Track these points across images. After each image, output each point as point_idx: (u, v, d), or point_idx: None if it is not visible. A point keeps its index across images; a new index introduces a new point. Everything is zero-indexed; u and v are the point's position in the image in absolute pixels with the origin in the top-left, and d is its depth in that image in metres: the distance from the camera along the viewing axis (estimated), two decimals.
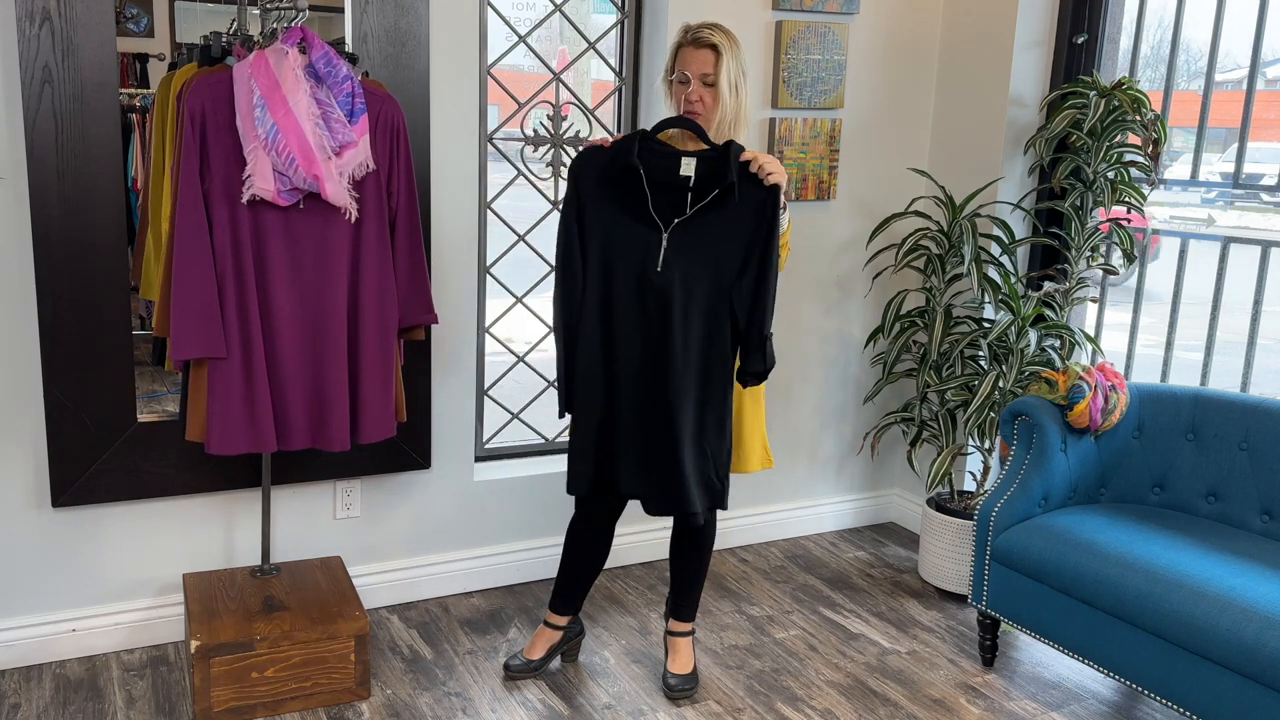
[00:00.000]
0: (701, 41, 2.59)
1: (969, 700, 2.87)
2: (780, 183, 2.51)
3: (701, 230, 2.52)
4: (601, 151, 2.55)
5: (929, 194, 3.79)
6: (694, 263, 2.52)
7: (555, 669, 2.94)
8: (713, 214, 2.51)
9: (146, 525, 2.90)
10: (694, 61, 2.59)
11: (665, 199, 2.53)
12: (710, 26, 2.60)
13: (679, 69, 2.62)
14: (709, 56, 2.58)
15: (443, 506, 3.29)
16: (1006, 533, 2.88)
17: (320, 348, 2.59)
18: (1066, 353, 3.45)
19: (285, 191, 2.46)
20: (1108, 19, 3.50)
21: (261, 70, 2.40)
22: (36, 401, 2.71)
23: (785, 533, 3.94)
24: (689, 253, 2.52)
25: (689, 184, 2.50)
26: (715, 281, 2.53)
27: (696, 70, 2.59)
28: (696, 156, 2.50)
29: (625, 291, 2.53)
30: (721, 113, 2.61)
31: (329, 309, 2.58)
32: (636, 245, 2.52)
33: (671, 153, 2.50)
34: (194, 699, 2.58)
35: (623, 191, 2.53)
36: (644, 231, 2.53)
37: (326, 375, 2.59)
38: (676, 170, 2.49)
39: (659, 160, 2.50)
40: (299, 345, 2.57)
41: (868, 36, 3.69)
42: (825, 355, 3.88)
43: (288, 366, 2.56)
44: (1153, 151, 3.30)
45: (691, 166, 2.49)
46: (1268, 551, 2.67)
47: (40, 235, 2.60)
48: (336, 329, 2.59)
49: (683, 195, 2.51)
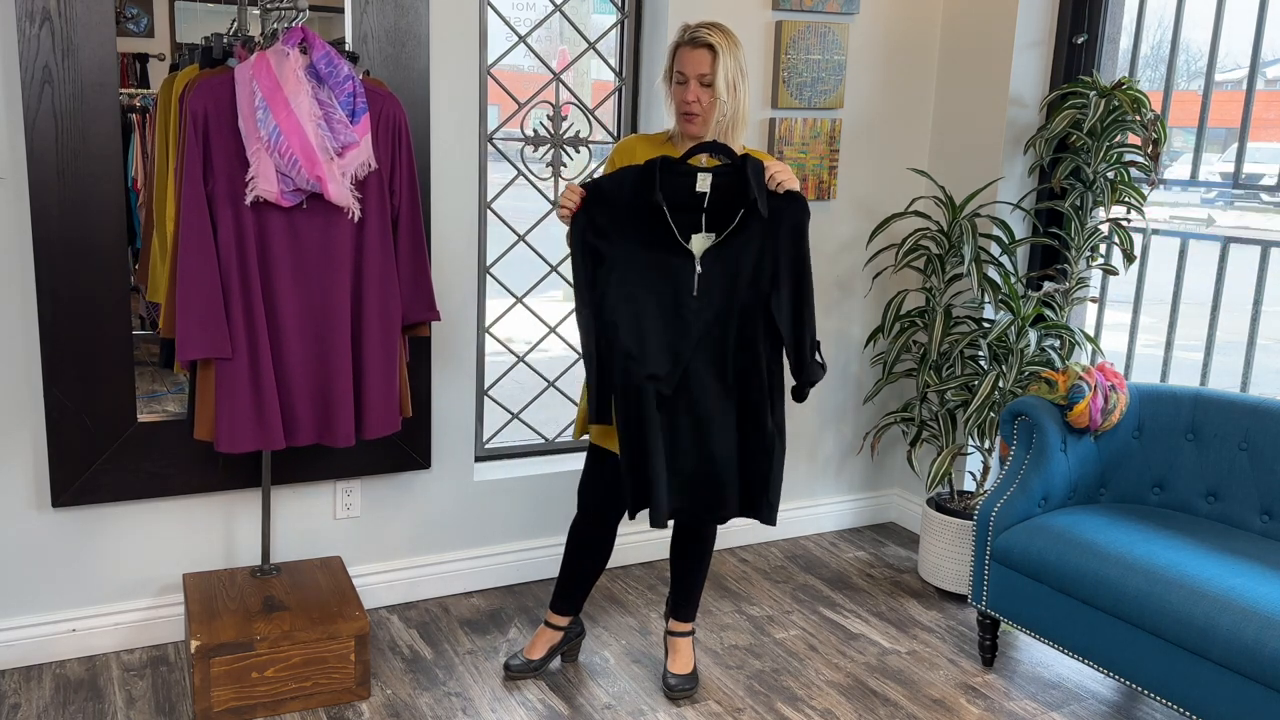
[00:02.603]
0: (698, 41, 2.57)
1: (969, 700, 2.87)
2: (796, 188, 2.49)
3: (733, 251, 2.49)
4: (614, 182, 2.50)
5: (929, 194, 3.80)
6: (730, 285, 2.49)
7: (555, 669, 2.94)
8: (741, 233, 2.48)
9: (146, 525, 2.90)
10: (691, 62, 2.58)
11: (686, 218, 2.50)
12: (709, 26, 2.59)
13: (676, 68, 2.60)
14: (706, 56, 2.57)
15: (443, 506, 3.29)
16: (1006, 533, 2.88)
17: (325, 345, 2.60)
18: (1066, 353, 3.45)
19: (288, 192, 2.46)
20: (1108, 19, 3.50)
21: (263, 71, 2.40)
22: (36, 401, 2.71)
23: (785, 533, 3.95)
24: (723, 276, 2.49)
25: (705, 201, 2.48)
26: (754, 300, 2.50)
27: (694, 70, 2.57)
28: (713, 172, 2.47)
29: (663, 322, 2.50)
30: (720, 113, 2.60)
31: (333, 307, 2.59)
32: (669, 274, 2.49)
33: (687, 170, 2.47)
34: (194, 699, 2.58)
35: (647, 222, 2.49)
36: (675, 261, 2.49)
37: (331, 372, 2.60)
38: (693, 187, 2.47)
39: (676, 180, 2.47)
40: (304, 343, 2.58)
41: (868, 36, 3.69)
42: (825, 355, 3.88)
43: (293, 364, 2.57)
44: (1153, 151, 3.30)
45: (708, 182, 2.46)
46: (1268, 551, 2.67)
47: (40, 235, 2.60)
48: (341, 327, 2.60)
49: (700, 212, 2.49)
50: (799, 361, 2.54)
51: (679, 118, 2.63)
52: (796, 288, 2.51)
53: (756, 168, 2.46)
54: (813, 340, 2.54)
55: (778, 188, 2.48)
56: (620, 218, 2.49)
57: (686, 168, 2.47)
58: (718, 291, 2.50)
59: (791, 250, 2.49)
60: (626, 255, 2.50)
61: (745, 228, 2.48)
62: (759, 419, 2.53)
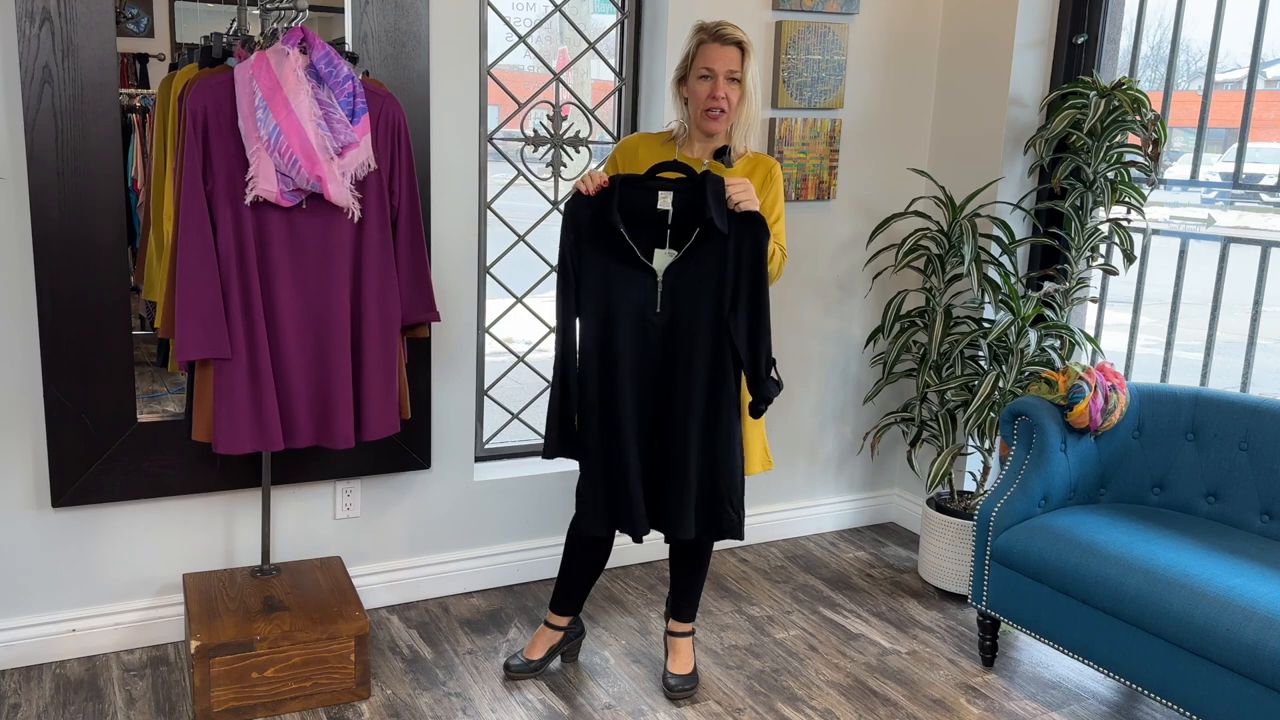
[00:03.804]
0: (727, 38, 2.54)
1: (969, 700, 2.87)
2: (754, 208, 2.48)
3: (694, 267, 2.51)
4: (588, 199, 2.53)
5: (929, 194, 3.79)
6: (692, 301, 2.52)
7: (555, 669, 2.94)
8: (701, 249, 2.50)
9: (146, 525, 2.90)
10: (720, 58, 2.54)
11: (649, 234, 2.52)
12: (731, 25, 2.57)
13: (700, 65, 2.56)
14: (735, 53, 2.54)
15: (443, 506, 3.29)
16: (1006, 533, 2.88)
17: (324, 346, 2.60)
18: (1066, 353, 3.45)
19: (288, 192, 2.46)
20: (1108, 19, 3.50)
21: (263, 71, 2.40)
22: (36, 401, 2.71)
23: (785, 533, 3.95)
24: (685, 292, 2.52)
25: (668, 218, 2.49)
26: (714, 316, 2.52)
27: (723, 67, 2.54)
28: (674, 189, 2.48)
29: (627, 337, 2.53)
30: (745, 112, 2.58)
31: (332, 308, 2.59)
32: (634, 290, 2.52)
33: (651, 186, 2.49)
34: (194, 699, 2.58)
35: (611, 239, 2.52)
36: (639, 276, 2.52)
37: (330, 373, 2.60)
38: (655, 204, 2.49)
39: (638, 196, 2.49)
40: (303, 344, 2.58)
41: (868, 36, 3.69)
42: (825, 355, 3.88)
43: (292, 365, 2.57)
44: (1153, 151, 3.30)
45: (669, 200, 2.48)
46: (1267, 551, 2.67)
47: (40, 235, 2.60)
48: (340, 328, 2.60)
49: (664, 229, 2.51)
50: (754, 378, 2.56)
51: (699, 115, 2.60)
52: (754, 306, 2.53)
53: (716, 186, 2.46)
54: (768, 358, 2.56)
55: (735, 208, 2.47)
56: (593, 231, 2.52)
57: (652, 183, 2.49)
58: (680, 307, 2.52)
59: (750, 269, 2.50)
60: (602, 270, 2.53)
61: (705, 244, 2.50)
62: (721, 433, 2.56)
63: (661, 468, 2.57)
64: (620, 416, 2.54)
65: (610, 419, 2.55)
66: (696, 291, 2.51)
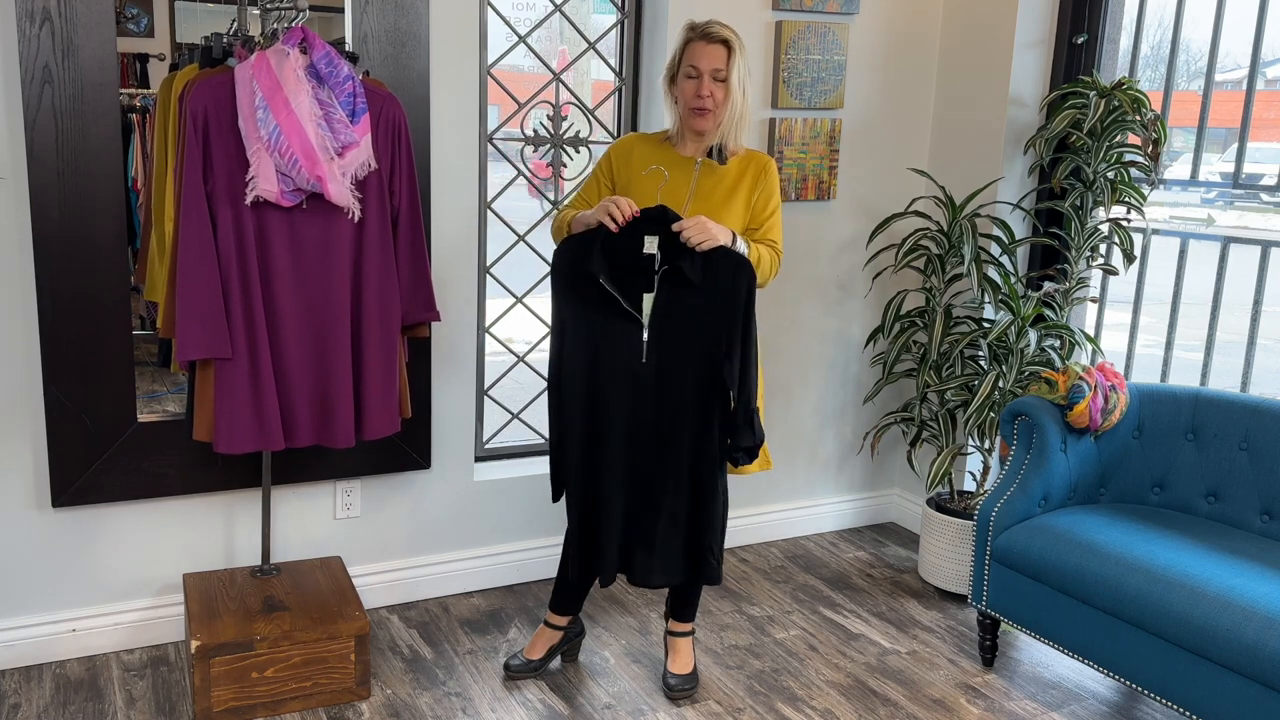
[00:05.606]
0: (713, 37, 2.56)
1: (969, 700, 2.87)
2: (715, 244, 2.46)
3: (680, 314, 2.51)
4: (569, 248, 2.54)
5: (929, 194, 3.80)
6: (677, 348, 2.52)
7: (555, 669, 2.94)
8: (685, 295, 2.50)
9: (146, 525, 2.90)
10: (706, 56, 2.56)
11: (636, 280, 2.51)
12: (719, 24, 2.59)
13: (688, 63, 2.58)
14: (721, 52, 2.56)
15: (443, 506, 3.29)
16: (1006, 533, 2.88)
17: (324, 346, 2.60)
18: (1066, 353, 3.45)
19: (288, 192, 2.46)
20: (1108, 19, 3.50)
21: (263, 71, 2.40)
22: (36, 401, 2.71)
23: (785, 533, 3.95)
24: (671, 340, 2.52)
25: (655, 263, 2.49)
26: (701, 364, 2.52)
27: (708, 65, 2.56)
28: (660, 235, 2.48)
29: (613, 386, 2.53)
30: (730, 110, 2.59)
31: (332, 307, 2.59)
32: (620, 338, 2.52)
33: (636, 232, 2.49)
34: (194, 699, 2.58)
35: (597, 287, 2.52)
36: (624, 325, 2.52)
37: (331, 373, 2.60)
38: (641, 249, 2.49)
39: (624, 242, 2.49)
40: (303, 344, 2.58)
41: (868, 36, 3.69)
42: (825, 355, 3.88)
43: (292, 365, 2.57)
44: (1153, 151, 3.30)
45: (655, 245, 2.48)
46: (1267, 551, 2.67)
47: (40, 235, 2.60)
48: (340, 327, 2.60)
49: (651, 275, 2.51)
50: (736, 425, 2.57)
51: (687, 114, 2.62)
52: (743, 353, 2.53)
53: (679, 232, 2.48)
54: (751, 407, 2.56)
55: (696, 248, 2.46)
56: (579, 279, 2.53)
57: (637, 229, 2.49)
58: (665, 355, 2.52)
59: (742, 321, 2.50)
60: (588, 319, 2.53)
61: (688, 290, 2.49)
62: (706, 487, 2.58)
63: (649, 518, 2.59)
64: (605, 463, 2.56)
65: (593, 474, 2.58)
66: (682, 339, 2.51)
